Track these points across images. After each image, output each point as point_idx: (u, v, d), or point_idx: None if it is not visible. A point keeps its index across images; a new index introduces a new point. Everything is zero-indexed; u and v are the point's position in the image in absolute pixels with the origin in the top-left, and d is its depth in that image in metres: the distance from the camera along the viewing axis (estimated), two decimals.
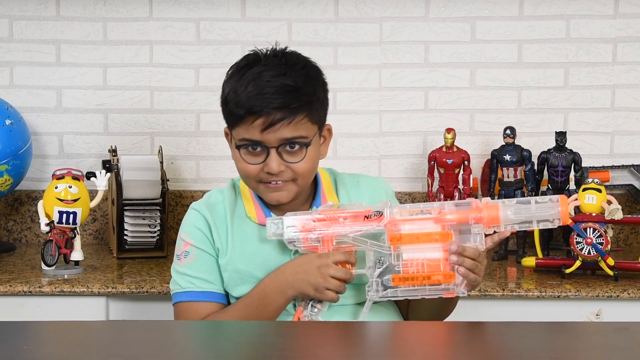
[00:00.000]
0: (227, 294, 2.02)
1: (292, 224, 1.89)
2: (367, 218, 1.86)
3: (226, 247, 1.99)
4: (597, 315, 2.34)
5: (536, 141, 2.88)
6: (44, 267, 2.42)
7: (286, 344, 1.58)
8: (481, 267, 1.86)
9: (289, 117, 1.89)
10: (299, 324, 1.84)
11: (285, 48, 1.98)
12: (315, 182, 2.05)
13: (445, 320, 2.03)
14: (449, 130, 2.68)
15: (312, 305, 1.88)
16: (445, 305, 2.00)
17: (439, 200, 2.67)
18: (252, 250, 1.97)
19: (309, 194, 2.04)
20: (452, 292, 1.85)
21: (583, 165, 2.72)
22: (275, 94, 1.89)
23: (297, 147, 1.92)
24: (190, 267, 1.99)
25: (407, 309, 2.05)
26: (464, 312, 2.33)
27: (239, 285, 1.98)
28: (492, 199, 2.70)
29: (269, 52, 1.96)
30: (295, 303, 1.93)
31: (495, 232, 1.86)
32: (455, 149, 2.68)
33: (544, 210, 1.82)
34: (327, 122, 2.01)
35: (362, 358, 1.48)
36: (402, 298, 1.86)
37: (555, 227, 1.84)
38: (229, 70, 1.98)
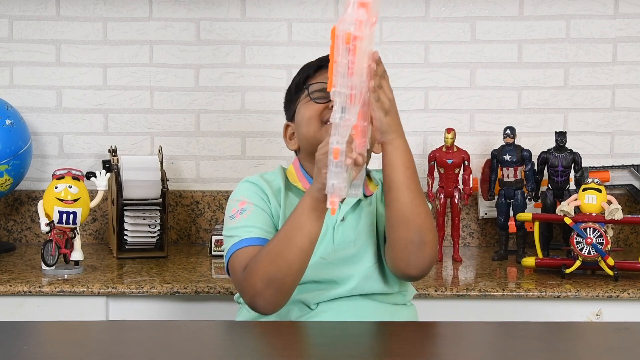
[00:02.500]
0: None
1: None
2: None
3: (284, 213, 2.00)
4: (597, 315, 2.34)
5: (536, 141, 2.88)
6: (44, 267, 2.42)
7: (286, 343, 1.58)
8: None
9: None
10: (299, 324, 1.84)
11: None
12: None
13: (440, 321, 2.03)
14: (449, 130, 2.67)
15: (333, 186, 1.75)
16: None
17: (440, 201, 2.67)
18: None
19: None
20: None
21: (583, 165, 2.72)
22: None
23: None
24: (246, 220, 1.99)
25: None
26: (465, 311, 2.33)
27: None
28: (492, 198, 2.73)
29: None
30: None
31: None
32: (455, 149, 2.68)
33: None
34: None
35: (360, 358, 1.48)
36: None
37: None
38: None
